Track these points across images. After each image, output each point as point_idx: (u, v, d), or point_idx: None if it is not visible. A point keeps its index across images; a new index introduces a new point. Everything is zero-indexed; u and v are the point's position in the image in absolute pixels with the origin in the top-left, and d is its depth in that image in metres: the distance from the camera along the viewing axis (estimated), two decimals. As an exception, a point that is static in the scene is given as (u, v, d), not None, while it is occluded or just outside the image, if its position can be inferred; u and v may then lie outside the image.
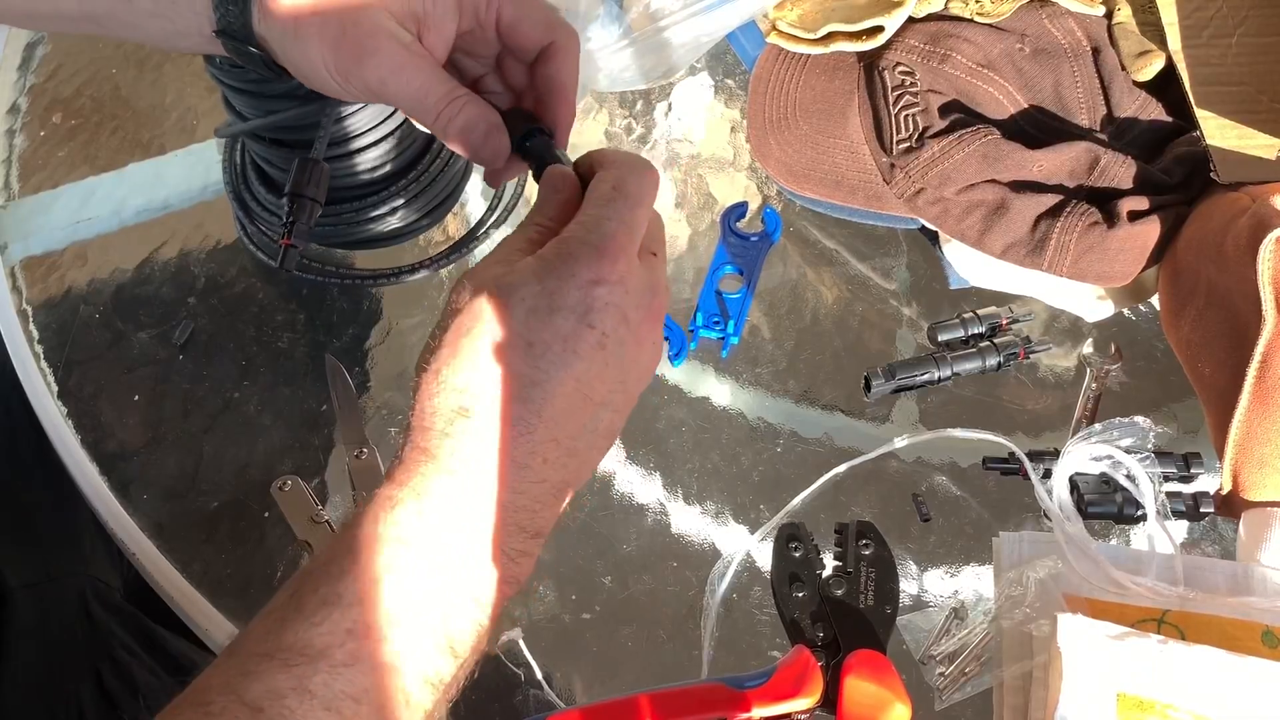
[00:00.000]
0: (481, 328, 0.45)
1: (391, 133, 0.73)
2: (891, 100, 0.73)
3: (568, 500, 0.48)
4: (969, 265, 0.73)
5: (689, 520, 0.68)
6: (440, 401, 0.45)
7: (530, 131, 0.55)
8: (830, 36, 0.77)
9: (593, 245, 0.46)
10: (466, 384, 0.44)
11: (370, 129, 0.71)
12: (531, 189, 0.82)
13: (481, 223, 0.80)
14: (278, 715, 0.39)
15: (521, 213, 0.82)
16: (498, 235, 0.80)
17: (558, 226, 0.48)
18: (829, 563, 0.64)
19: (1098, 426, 0.64)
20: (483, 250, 0.80)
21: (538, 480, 0.45)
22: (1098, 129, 0.74)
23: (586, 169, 0.51)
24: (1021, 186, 0.70)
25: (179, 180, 0.85)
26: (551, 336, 0.45)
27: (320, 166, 0.65)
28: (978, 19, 0.75)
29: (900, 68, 0.74)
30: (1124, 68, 0.74)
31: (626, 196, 0.48)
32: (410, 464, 0.45)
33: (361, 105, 0.70)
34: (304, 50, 0.53)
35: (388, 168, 0.74)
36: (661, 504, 0.69)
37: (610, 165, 0.49)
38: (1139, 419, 0.64)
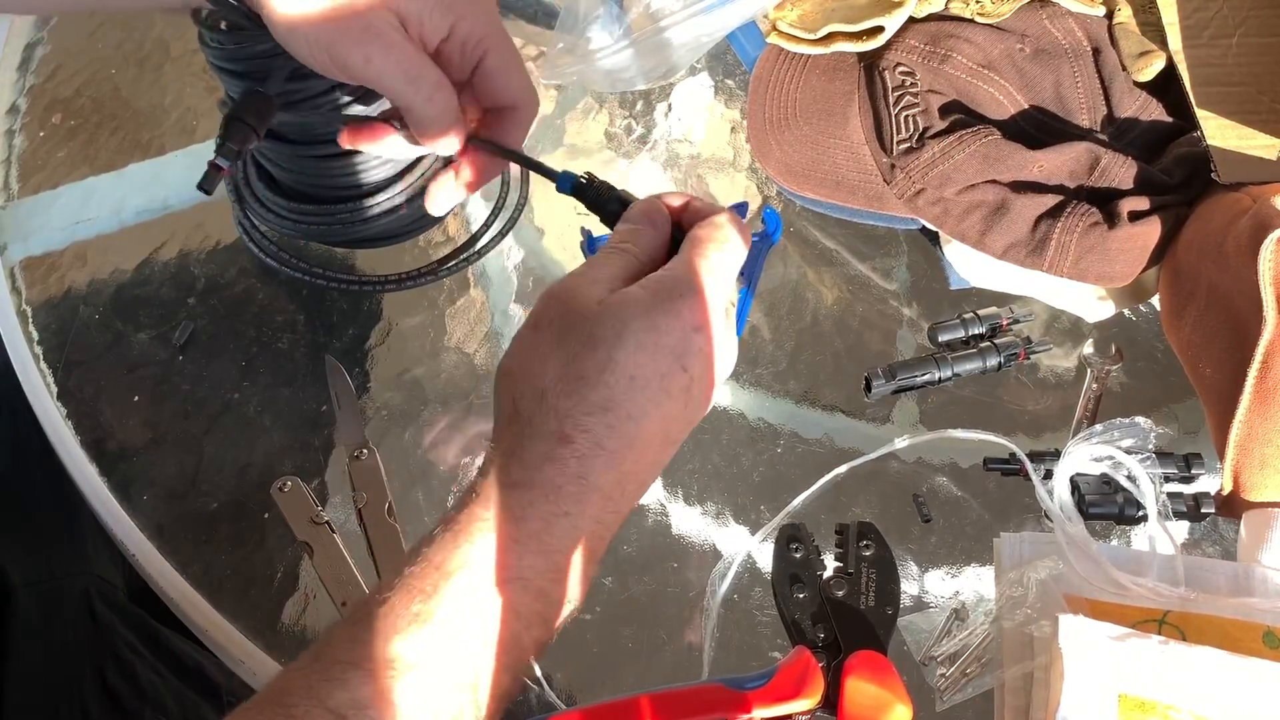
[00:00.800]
0: (588, 354, 0.45)
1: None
2: (892, 100, 0.73)
3: None
4: (969, 265, 0.73)
5: (689, 521, 0.68)
6: (541, 423, 0.45)
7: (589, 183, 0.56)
8: (830, 37, 0.76)
9: (698, 291, 0.48)
10: (570, 410, 0.45)
11: (370, 129, 0.71)
12: (533, 188, 0.82)
13: (486, 226, 0.80)
14: None
15: (525, 220, 0.82)
16: (500, 237, 0.80)
17: (648, 262, 0.50)
18: (830, 563, 0.64)
19: (1098, 427, 0.64)
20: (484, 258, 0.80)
21: (615, 511, 0.46)
22: (1098, 129, 0.74)
23: (677, 211, 0.53)
24: (1022, 187, 0.70)
25: (179, 180, 0.85)
26: (652, 373, 0.46)
27: (267, 100, 0.64)
28: (978, 19, 0.75)
29: (900, 68, 0.74)
30: (1124, 68, 0.74)
31: (728, 254, 0.50)
32: (505, 487, 0.45)
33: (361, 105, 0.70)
34: (290, 22, 0.53)
35: (388, 168, 0.74)
36: (662, 505, 0.69)
37: (715, 217, 0.51)
38: (1140, 420, 0.64)
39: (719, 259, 0.49)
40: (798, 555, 0.63)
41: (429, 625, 0.42)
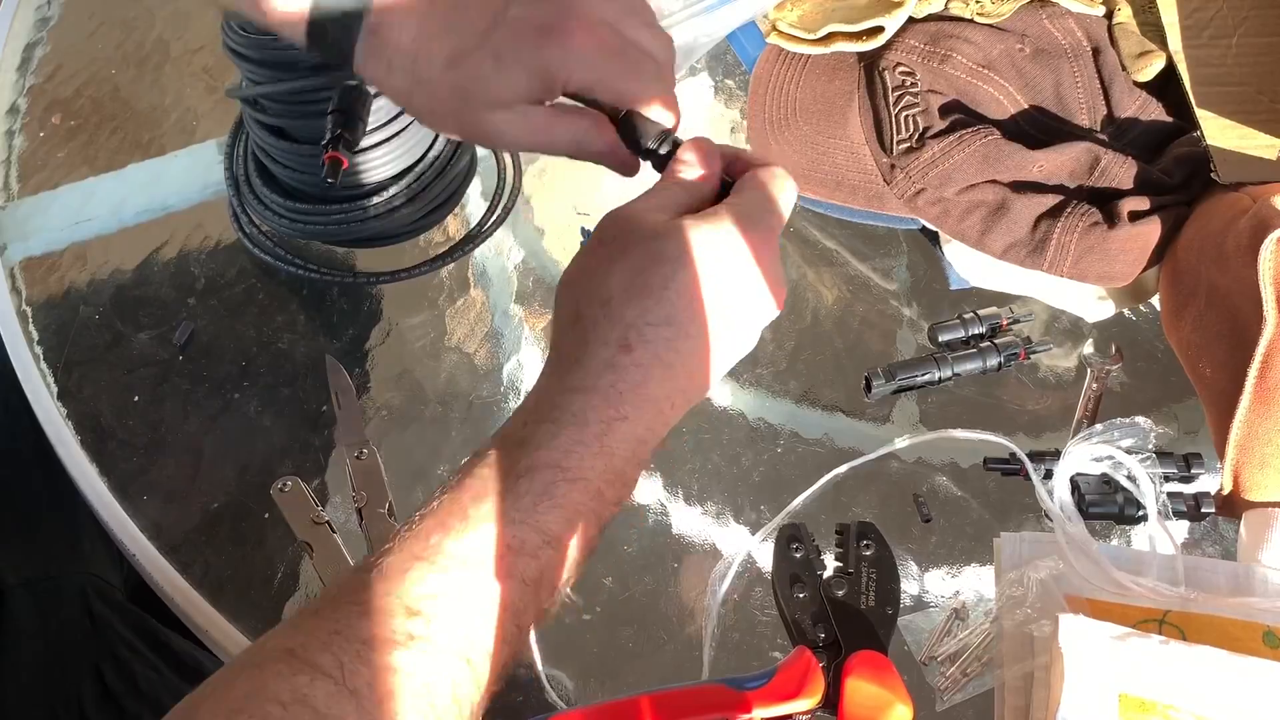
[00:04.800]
0: (653, 268, 0.47)
1: (394, 135, 0.73)
2: (892, 100, 0.73)
3: None
4: (969, 265, 0.73)
5: (690, 521, 0.68)
6: (605, 331, 0.47)
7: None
8: (830, 37, 0.76)
9: (758, 228, 0.50)
10: (633, 320, 0.47)
11: (372, 130, 0.71)
12: (533, 189, 0.82)
13: (482, 223, 0.80)
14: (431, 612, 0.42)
15: (525, 220, 0.82)
16: (499, 236, 0.80)
17: (700, 200, 0.52)
18: (830, 563, 0.64)
19: (1098, 427, 0.64)
20: (483, 252, 0.80)
21: (664, 423, 0.48)
22: (1098, 129, 0.74)
23: (729, 157, 0.54)
24: (1022, 187, 0.70)
25: (179, 181, 0.85)
26: (710, 294, 0.48)
27: (362, 90, 0.65)
28: (978, 19, 0.75)
29: (900, 68, 0.74)
30: (1124, 68, 0.74)
31: (784, 200, 0.52)
32: (566, 392, 0.46)
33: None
34: (419, 118, 0.57)
35: (388, 168, 0.74)
36: (662, 505, 0.69)
37: (772, 167, 0.53)
38: (1140, 419, 0.64)
39: (776, 204, 0.51)
40: (798, 555, 0.63)
41: (492, 522, 0.44)
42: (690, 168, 0.53)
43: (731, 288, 0.49)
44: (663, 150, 0.55)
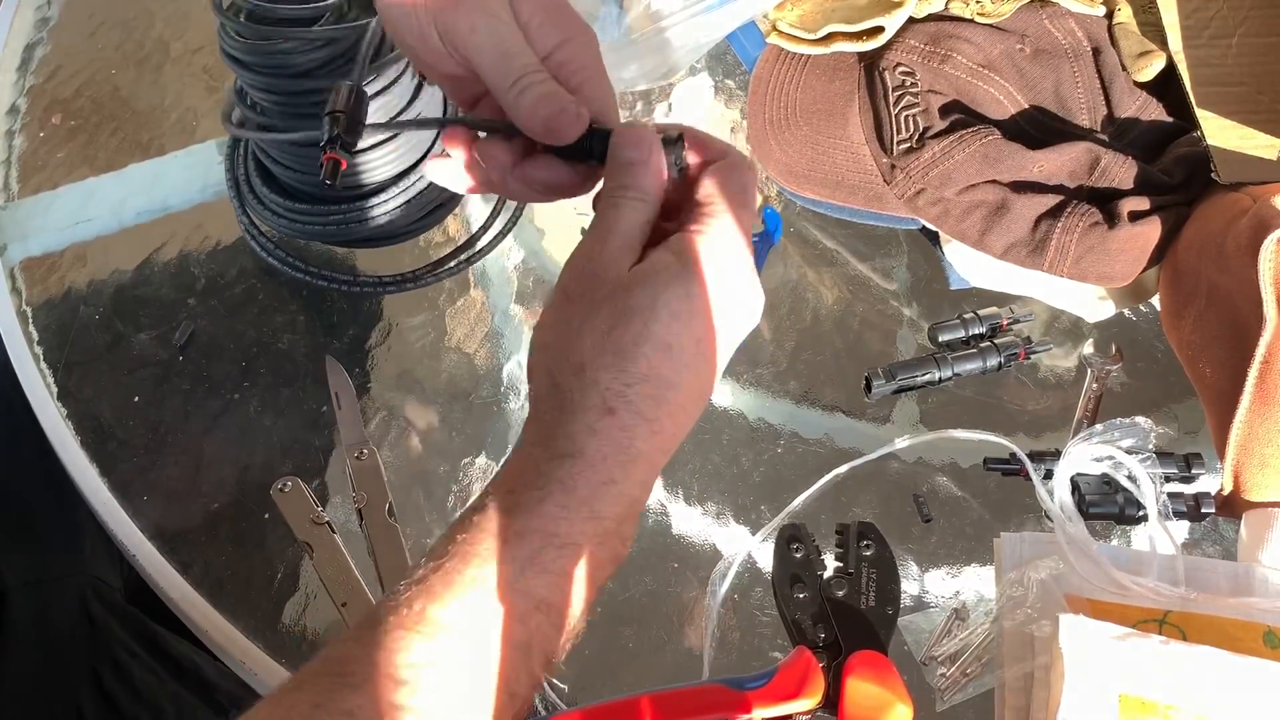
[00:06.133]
0: (624, 327, 0.45)
1: (394, 136, 0.73)
2: (892, 101, 0.73)
3: None
4: (969, 265, 0.73)
5: (690, 521, 0.68)
6: (582, 397, 0.45)
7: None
8: (830, 37, 0.76)
9: (726, 249, 0.47)
10: (610, 383, 0.45)
11: (372, 131, 0.71)
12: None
13: (485, 227, 0.80)
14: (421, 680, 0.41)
15: (525, 220, 0.82)
16: (500, 240, 0.80)
17: (656, 198, 0.49)
18: (830, 563, 0.64)
19: (1099, 427, 0.64)
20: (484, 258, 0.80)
21: (655, 470, 0.47)
22: (1098, 129, 0.74)
23: (692, 139, 0.50)
24: (1022, 187, 0.70)
25: (179, 181, 0.85)
26: (688, 340, 0.46)
27: (360, 90, 0.65)
28: (978, 19, 0.75)
29: (900, 68, 0.74)
30: (1124, 68, 0.74)
31: (747, 198, 0.49)
32: (551, 459, 0.45)
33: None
34: None
35: (388, 168, 0.74)
36: (662, 505, 0.69)
37: (724, 161, 0.50)
38: (1140, 420, 0.64)
39: (738, 207, 0.49)
40: (798, 555, 0.63)
41: (480, 588, 0.43)
42: (631, 171, 0.49)
43: (707, 323, 0.47)
44: (596, 145, 0.50)
